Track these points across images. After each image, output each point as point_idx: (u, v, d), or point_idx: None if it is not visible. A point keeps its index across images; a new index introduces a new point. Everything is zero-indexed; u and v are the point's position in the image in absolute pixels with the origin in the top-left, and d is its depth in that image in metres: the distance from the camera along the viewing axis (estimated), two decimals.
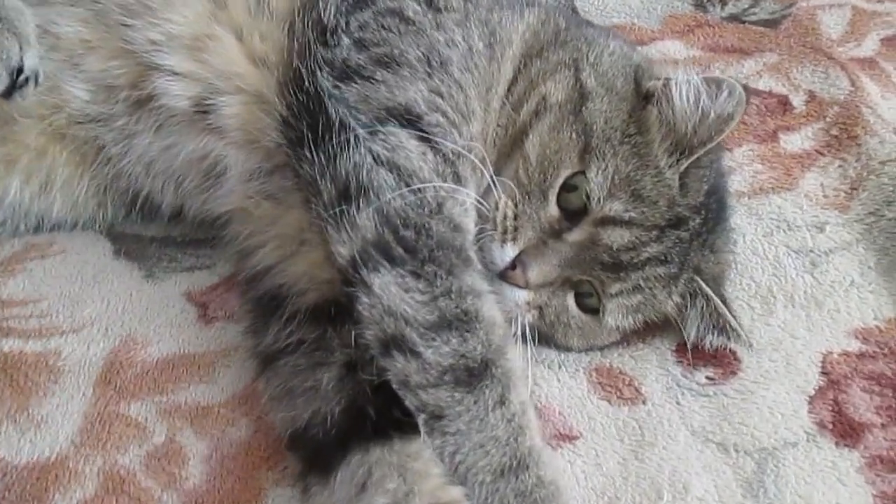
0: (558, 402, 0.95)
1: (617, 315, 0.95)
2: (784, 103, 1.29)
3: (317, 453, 0.85)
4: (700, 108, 0.93)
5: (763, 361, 0.98)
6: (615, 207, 0.91)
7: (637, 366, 0.98)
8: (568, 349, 0.99)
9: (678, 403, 0.94)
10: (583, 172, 0.91)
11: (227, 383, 0.95)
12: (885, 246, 1.09)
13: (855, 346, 1.00)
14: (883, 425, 0.92)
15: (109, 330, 0.99)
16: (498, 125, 0.96)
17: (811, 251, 1.10)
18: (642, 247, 0.92)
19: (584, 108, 0.93)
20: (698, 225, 0.95)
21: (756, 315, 1.04)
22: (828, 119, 1.25)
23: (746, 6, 1.46)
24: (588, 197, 0.91)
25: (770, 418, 0.93)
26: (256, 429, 0.91)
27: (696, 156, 0.93)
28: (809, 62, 1.33)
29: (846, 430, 0.91)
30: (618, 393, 0.95)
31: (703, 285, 0.96)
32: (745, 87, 0.93)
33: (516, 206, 0.92)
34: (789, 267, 1.09)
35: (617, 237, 0.91)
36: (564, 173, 0.92)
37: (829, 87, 1.29)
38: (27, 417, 0.91)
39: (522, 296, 0.93)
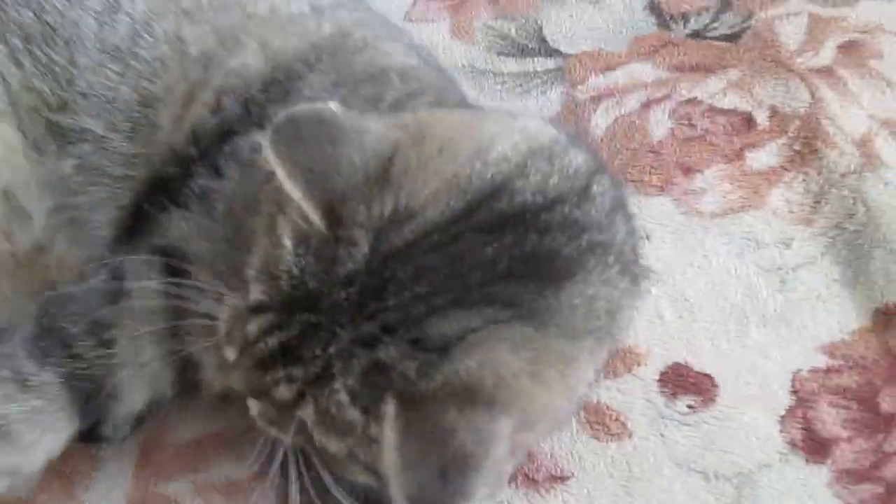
0: (549, 444, 1.03)
1: (319, 430, 0.71)
2: (748, 120, 1.35)
3: None
4: None
5: (739, 386, 1.07)
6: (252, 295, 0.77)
7: (623, 399, 1.07)
8: None
9: (662, 436, 1.03)
10: None
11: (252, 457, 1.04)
12: (847, 258, 1.17)
13: (822, 361, 1.08)
14: (849, 438, 1.01)
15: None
16: None
17: (779, 268, 1.18)
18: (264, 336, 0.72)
19: None
20: (347, 300, 0.67)
21: (732, 338, 1.12)
22: (790, 134, 1.32)
23: (707, 21, 1.51)
24: None
25: (746, 442, 1.01)
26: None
27: None
28: (771, 76, 1.39)
29: (815, 447, 1.00)
30: (605, 429, 1.04)
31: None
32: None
33: None
34: (760, 286, 1.16)
35: (248, 332, 0.76)
36: None
37: (790, 100, 1.36)
38: None
39: None
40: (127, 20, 1.07)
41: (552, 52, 1.51)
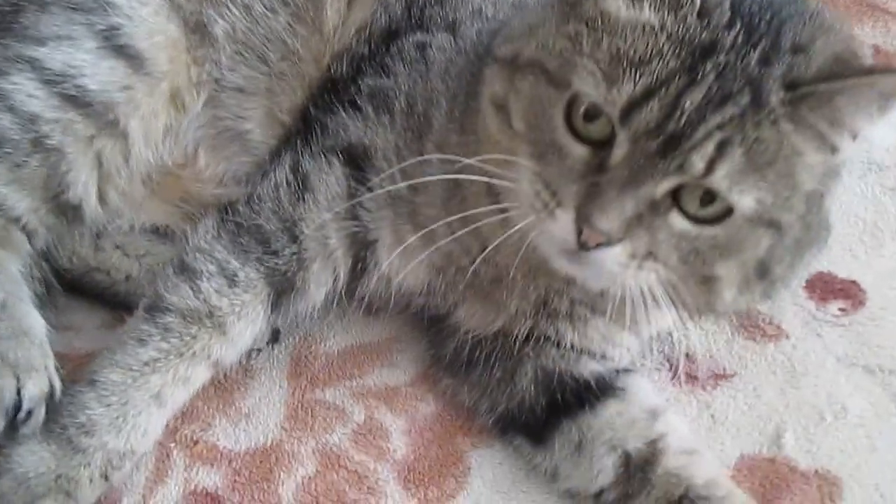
0: (706, 347, 1.04)
1: (737, 188, 0.74)
2: None
3: (526, 428, 0.95)
4: None
5: (884, 289, 1.08)
6: (626, 90, 0.75)
7: (772, 305, 1.06)
8: (721, 299, 0.83)
9: (818, 335, 1.04)
10: (574, 94, 0.79)
11: (407, 365, 1.04)
12: None
13: None
14: None
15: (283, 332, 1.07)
16: None
17: None
18: (678, 102, 0.74)
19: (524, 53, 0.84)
20: (737, 36, 0.75)
21: (869, 249, 1.13)
22: None
23: None
24: (595, 106, 0.77)
25: None
26: (444, 402, 1.01)
27: None
28: (869, 19, 1.43)
29: None
30: (761, 332, 1.05)
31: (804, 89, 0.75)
32: None
33: (540, 176, 0.81)
34: (888, 203, 1.19)
35: (647, 117, 0.74)
36: (558, 111, 0.79)
37: (891, 39, 1.39)
38: (236, 410, 1.00)
39: (617, 253, 0.77)
40: None
41: None
